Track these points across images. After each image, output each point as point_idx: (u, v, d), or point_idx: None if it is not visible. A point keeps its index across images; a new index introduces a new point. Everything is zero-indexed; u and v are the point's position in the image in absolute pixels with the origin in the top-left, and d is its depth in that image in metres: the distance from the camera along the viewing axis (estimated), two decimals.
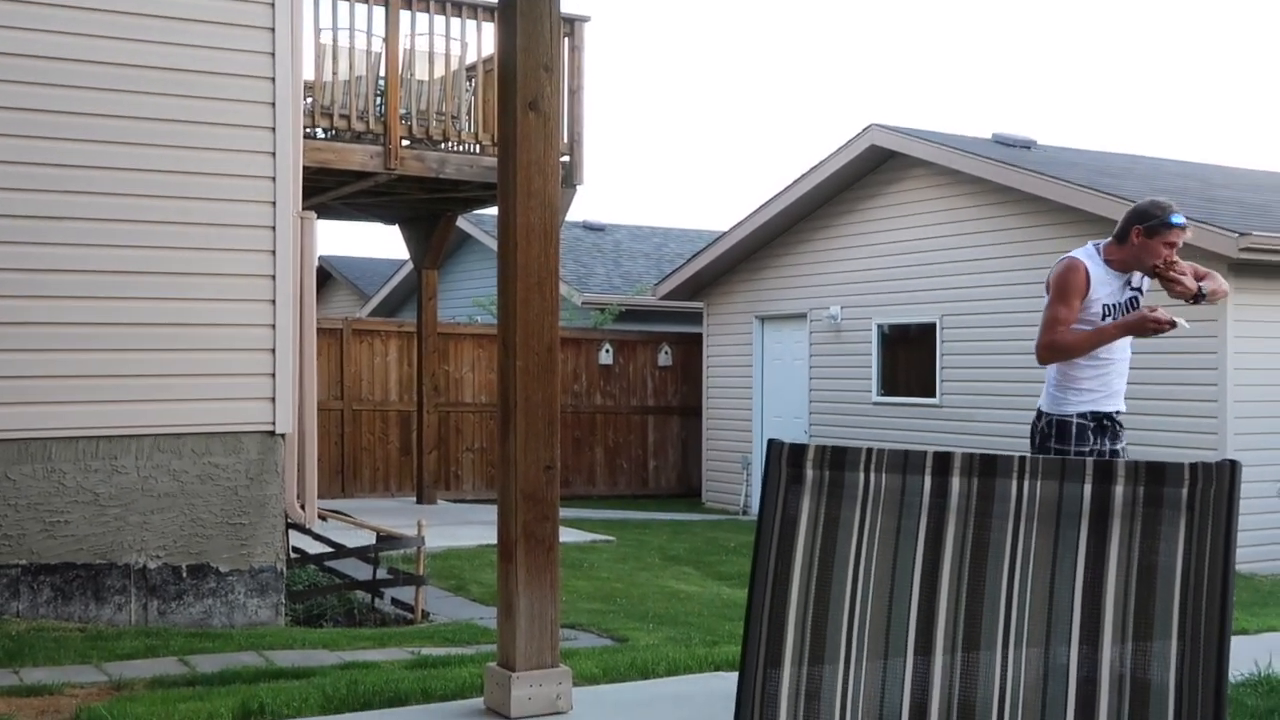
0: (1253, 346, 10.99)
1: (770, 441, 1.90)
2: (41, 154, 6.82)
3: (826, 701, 1.76)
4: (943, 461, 1.74)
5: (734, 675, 5.22)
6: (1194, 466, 1.60)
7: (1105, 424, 4.97)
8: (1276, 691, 4.90)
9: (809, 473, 1.84)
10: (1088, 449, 4.90)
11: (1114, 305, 4.94)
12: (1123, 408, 5.04)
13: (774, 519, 1.85)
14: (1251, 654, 5.33)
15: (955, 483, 1.74)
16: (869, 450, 1.81)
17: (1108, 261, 4.98)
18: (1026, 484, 1.69)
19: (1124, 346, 5.01)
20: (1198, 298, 4.93)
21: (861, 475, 1.80)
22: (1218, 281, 5.11)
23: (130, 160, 7.01)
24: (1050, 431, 4.97)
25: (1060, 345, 4.90)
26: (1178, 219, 4.91)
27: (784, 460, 1.86)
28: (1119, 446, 5.03)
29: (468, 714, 4.58)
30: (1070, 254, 5.03)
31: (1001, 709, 1.64)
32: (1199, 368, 10.92)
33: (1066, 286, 4.92)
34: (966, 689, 1.67)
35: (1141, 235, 4.90)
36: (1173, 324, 4.78)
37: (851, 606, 1.77)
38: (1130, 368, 5.07)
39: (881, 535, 1.78)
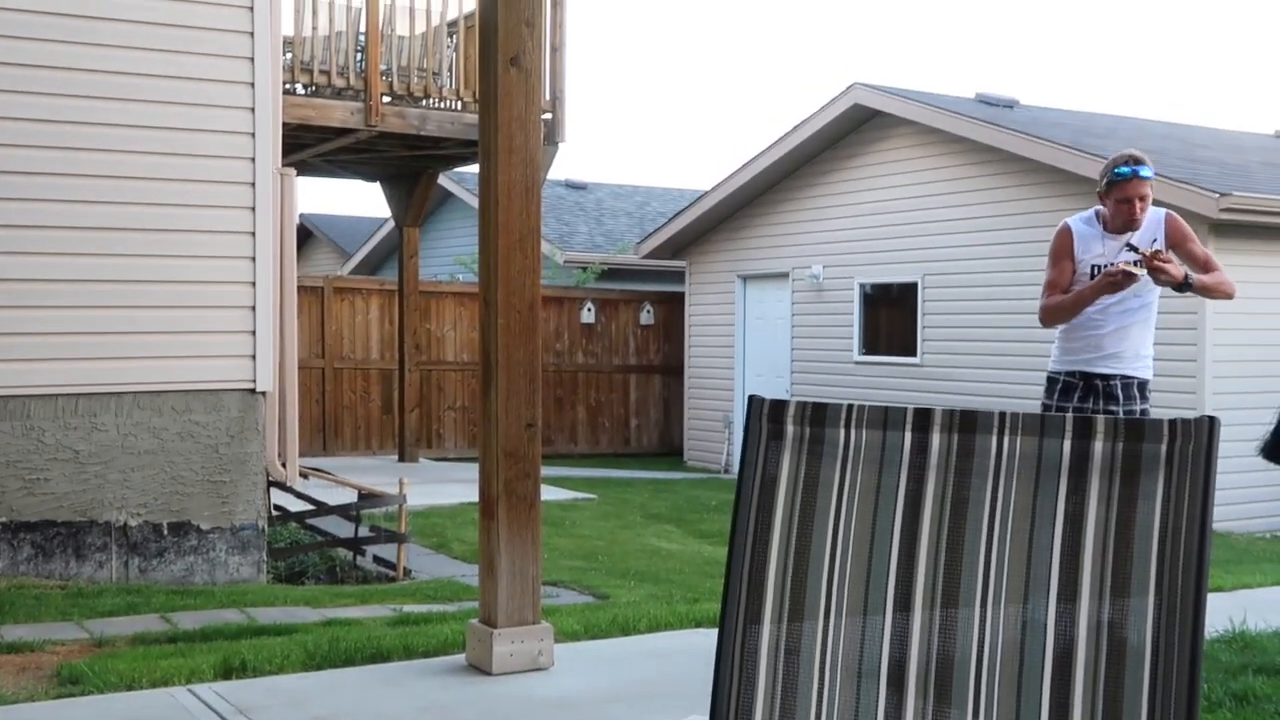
0: (1232, 306, 10.98)
1: (751, 397, 1.90)
2: (17, 109, 6.75)
3: (806, 657, 1.77)
4: (923, 418, 1.74)
5: (714, 632, 5.26)
6: (1173, 423, 1.60)
7: (1096, 384, 4.95)
8: (1250, 647, 4.95)
9: (790, 428, 1.84)
10: (1069, 406, 4.95)
11: (1104, 266, 4.92)
12: (1129, 371, 4.94)
13: (754, 475, 1.85)
14: (1226, 610, 5.38)
15: (935, 439, 1.74)
16: (849, 406, 1.81)
17: (1104, 225, 5.00)
18: (1006, 440, 1.70)
19: (1125, 311, 4.92)
20: (1182, 287, 4.85)
21: (842, 431, 1.80)
22: (1216, 278, 4.96)
23: (108, 116, 6.94)
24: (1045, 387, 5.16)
25: (1049, 308, 5.06)
26: (1123, 170, 4.81)
27: (765, 416, 1.86)
28: (1121, 409, 4.92)
29: (449, 670, 4.60)
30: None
31: (980, 664, 1.65)
32: (1179, 327, 10.96)
33: (1053, 250, 5.09)
34: (945, 645, 1.68)
35: (1103, 196, 4.93)
36: (1128, 275, 4.76)
37: (831, 563, 1.77)
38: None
39: (861, 492, 1.78)
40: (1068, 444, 1.64)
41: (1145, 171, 4.85)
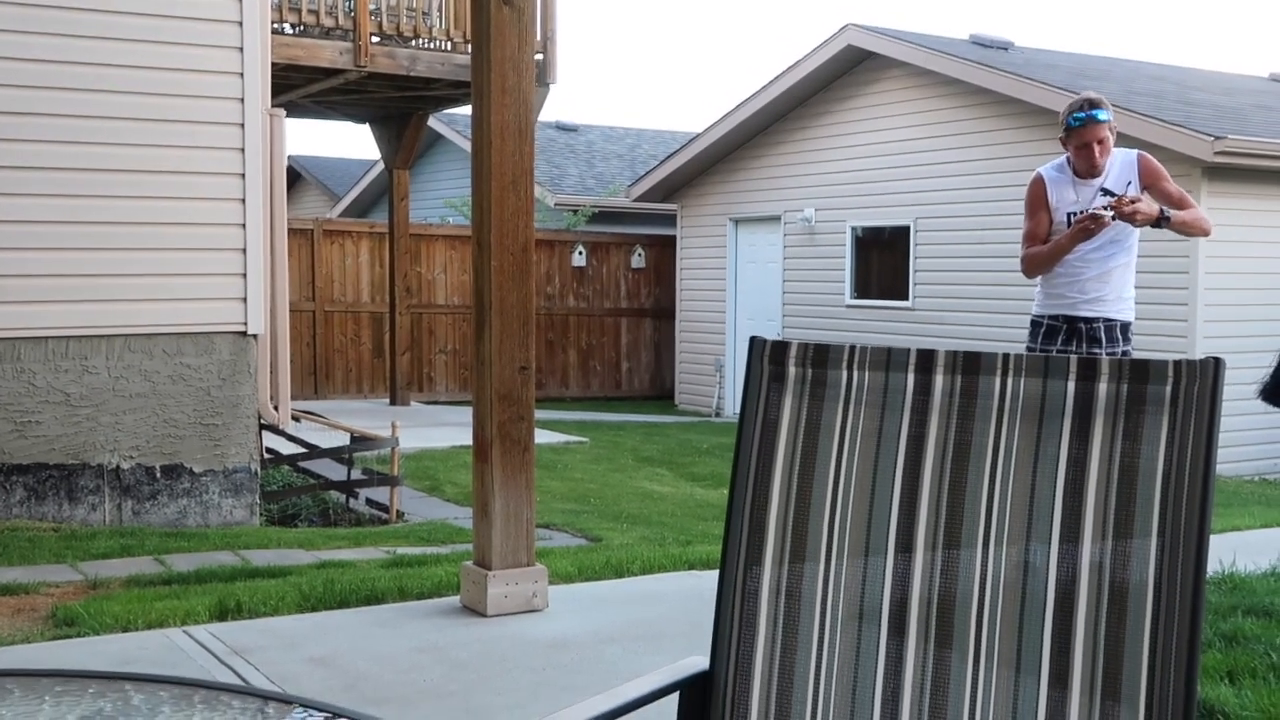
0: (1224, 250, 11.02)
1: (752, 338, 1.88)
2: (7, 49, 6.65)
3: (807, 599, 1.77)
4: (926, 359, 1.73)
5: (707, 573, 5.28)
6: (1178, 364, 1.59)
7: (1080, 327, 4.97)
8: (1239, 589, 4.99)
9: (791, 370, 1.83)
10: (1053, 348, 4.97)
11: (1079, 213, 4.91)
12: (1112, 314, 4.96)
13: (755, 416, 1.84)
14: (1216, 553, 5.41)
15: (938, 380, 1.73)
16: (851, 347, 1.80)
17: (1075, 171, 4.98)
18: (1010, 381, 1.69)
19: (1106, 256, 4.93)
20: (1159, 222, 4.82)
21: (844, 373, 1.79)
22: (1193, 214, 4.95)
23: (98, 55, 6.86)
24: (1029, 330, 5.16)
25: (1029, 259, 5.07)
26: (1078, 116, 4.81)
27: (766, 357, 1.84)
28: (1104, 351, 4.96)
29: (444, 612, 4.62)
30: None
31: (981, 607, 1.65)
32: (1171, 270, 10.96)
33: (1028, 200, 5.09)
34: (946, 586, 1.68)
35: (1065, 141, 4.93)
36: (1096, 219, 4.74)
37: (833, 505, 1.77)
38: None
39: (864, 434, 1.77)
40: (1071, 385, 1.63)
41: (1101, 114, 4.82)
